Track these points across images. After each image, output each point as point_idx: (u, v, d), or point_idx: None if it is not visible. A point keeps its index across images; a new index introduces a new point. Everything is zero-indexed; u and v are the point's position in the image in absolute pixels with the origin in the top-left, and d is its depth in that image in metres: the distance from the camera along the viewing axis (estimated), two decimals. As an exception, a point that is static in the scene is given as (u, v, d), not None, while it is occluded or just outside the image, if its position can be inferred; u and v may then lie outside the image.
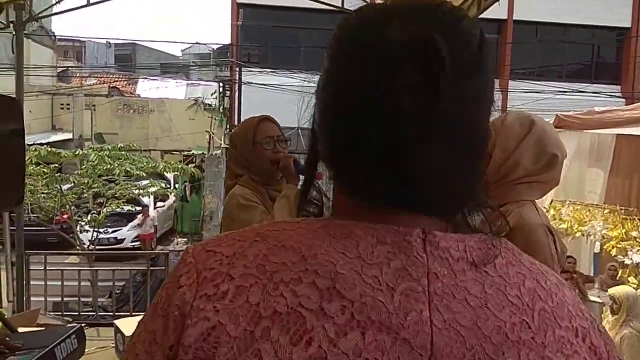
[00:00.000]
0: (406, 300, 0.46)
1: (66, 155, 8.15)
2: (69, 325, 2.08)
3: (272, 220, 0.55)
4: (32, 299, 4.90)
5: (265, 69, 13.35)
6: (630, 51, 14.64)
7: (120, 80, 25.55)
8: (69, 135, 18.84)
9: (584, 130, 5.78)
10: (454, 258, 0.48)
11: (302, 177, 1.91)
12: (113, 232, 11.72)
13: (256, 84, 13.10)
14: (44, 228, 9.04)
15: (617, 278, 5.04)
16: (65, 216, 9.12)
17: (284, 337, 0.43)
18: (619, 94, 14.64)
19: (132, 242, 12.31)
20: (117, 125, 21.28)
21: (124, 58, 32.08)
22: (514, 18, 13.90)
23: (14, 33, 4.01)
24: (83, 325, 3.74)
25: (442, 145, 0.48)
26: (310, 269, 0.46)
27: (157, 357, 0.46)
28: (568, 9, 13.48)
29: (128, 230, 12.32)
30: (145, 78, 24.89)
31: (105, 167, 7.81)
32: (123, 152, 8.38)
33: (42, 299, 5.02)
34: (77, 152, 8.17)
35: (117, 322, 3.57)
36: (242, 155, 1.97)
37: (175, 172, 9.73)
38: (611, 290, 4.02)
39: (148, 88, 24.30)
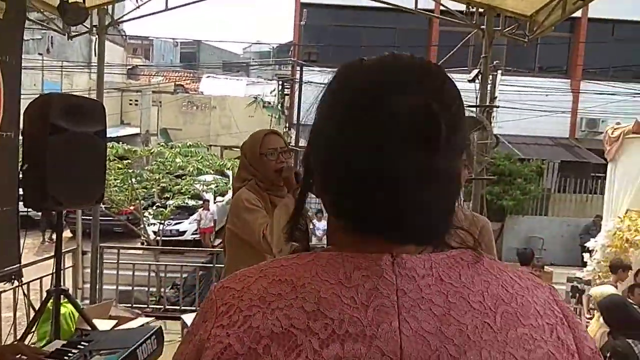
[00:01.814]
0: (378, 314, 0.55)
1: (142, 152, 8.51)
2: (148, 325, 2.16)
3: (274, 259, 0.64)
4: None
5: (325, 68, 13.40)
6: None
7: (185, 78, 26.43)
8: (136, 130, 19.71)
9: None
10: (419, 275, 0.57)
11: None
12: (175, 224, 12.13)
13: (316, 82, 13.18)
14: (111, 218, 9.50)
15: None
16: (131, 208, 9.57)
17: (280, 351, 0.54)
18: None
19: (193, 234, 12.73)
20: (181, 121, 22.06)
21: (189, 56, 33.18)
22: (588, 16, 13.18)
23: (96, 36, 4.22)
24: (153, 318, 3.90)
25: (432, 191, 0.57)
26: (300, 296, 0.56)
27: None
28: (648, 5, 12.62)
29: (189, 223, 12.73)
30: (208, 76, 25.60)
31: (176, 165, 8.12)
32: (192, 150, 8.67)
33: (111, 287, 5.25)
34: (152, 150, 8.53)
35: (184, 316, 3.69)
36: (250, 163, 2.22)
37: (227, 168, 9.94)
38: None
39: (210, 86, 25.02)
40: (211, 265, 4.94)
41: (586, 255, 5.77)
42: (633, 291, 5.48)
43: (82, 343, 1.93)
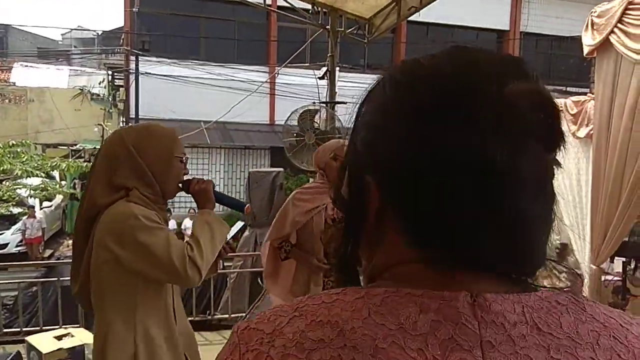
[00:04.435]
0: None
1: None
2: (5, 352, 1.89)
3: (311, 294, 0.50)
4: None
5: (164, 59, 12.78)
6: (509, 52, 16.21)
7: (-9, 66, 22.89)
8: None
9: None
10: (510, 322, 0.44)
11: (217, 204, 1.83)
12: (-6, 236, 10.58)
13: (155, 74, 12.51)
14: None
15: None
16: None
17: None
18: (499, 92, 16.19)
19: (17, 246, 11.21)
20: (-10, 117, 19.17)
21: (-6, 41, 28.80)
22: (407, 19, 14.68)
23: None
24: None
25: (541, 205, 0.47)
26: (349, 344, 0.43)
27: None
28: (455, 11, 14.56)
29: (12, 234, 11.16)
30: (22, 64, 22.51)
31: (1, 168, 6.98)
32: (15, 149, 7.55)
33: None
34: None
35: (29, 338, 3.29)
36: (150, 167, 1.63)
37: (62, 169, 8.94)
38: None
39: (25, 75, 22.03)
40: (54, 279, 4.42)
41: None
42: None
43: None
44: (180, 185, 1.72)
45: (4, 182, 8.05)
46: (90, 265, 1.60)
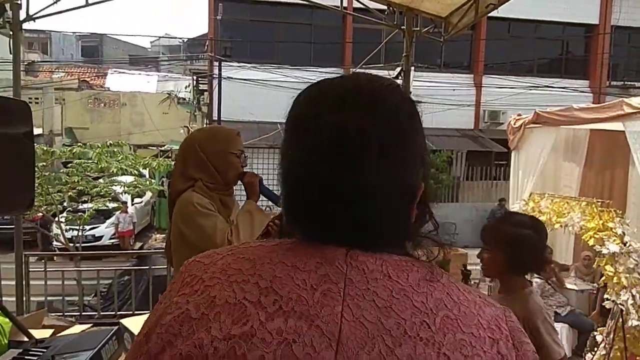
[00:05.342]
0: (324, 297, 0.60)
1: (61, 153, 7.94)
2: (105, 328, 2.12)
3: (247, 242, 0.72)
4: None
5: (245, 64, 13.29)
6: (598, 47, 15.20)
7: (89, 73, 24.89)
8: (38, 131, 18.32)
9: (561, 126, 6.04)
10: (369, 269, 0.62)
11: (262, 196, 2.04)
12: (91, 229, 11.52)
13: (236, 78, 13.05)
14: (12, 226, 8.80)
15: (594, 267, 5.32)
16: (39, 214, 8.96)
17: (229, 319, 0.59)
18: (588, 89, 15.22)
19: (111, 239, 12.16)
20: (88, 120, 20.78)
21: (91, 50, 31.31)
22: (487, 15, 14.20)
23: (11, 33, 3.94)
24: (90, 325, 3.76)
25: (370, 205, 0.64)
26: (257, 273, 0.63)
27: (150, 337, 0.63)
28: (539, 6, 13.90)
29: (106, 228, 12.15)
30: (115, 71, 24.28)
31: (98, 166, 7.69)
32: (112, 149, 8.27)
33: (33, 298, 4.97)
34: (73, 150, 7.98)
35: (123, 321, 3.59)
36: (211, 161, 1.99)
37: (152, 167, 9.61)
38: None
39: (118, 81, 23.76)
40: (145, 267, 4.81)
41: (497, 236, 6.25)
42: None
43: (40, 350, 1.89)
44: (238, 176, 2.06)
45: (101, 179, 8.78)
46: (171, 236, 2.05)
